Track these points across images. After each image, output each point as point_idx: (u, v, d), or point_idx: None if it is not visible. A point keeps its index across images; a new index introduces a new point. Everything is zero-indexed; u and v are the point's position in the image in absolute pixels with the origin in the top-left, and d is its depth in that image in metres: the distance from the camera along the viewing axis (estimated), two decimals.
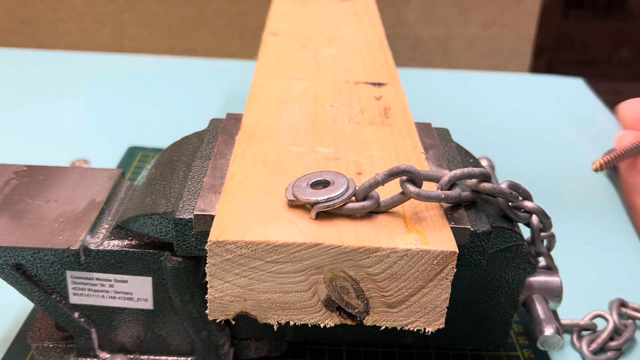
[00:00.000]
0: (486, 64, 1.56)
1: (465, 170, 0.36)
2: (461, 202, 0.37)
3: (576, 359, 0.47)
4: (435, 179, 0.37)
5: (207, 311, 0.35)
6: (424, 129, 0.46)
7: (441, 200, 0.35)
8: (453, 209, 0.37)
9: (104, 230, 0.39)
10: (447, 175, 0.36)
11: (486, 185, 0.37)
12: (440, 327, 0.35)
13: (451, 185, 0.36)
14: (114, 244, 0.38)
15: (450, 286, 0.34)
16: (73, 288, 0.39)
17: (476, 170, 0.37)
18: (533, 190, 0.41)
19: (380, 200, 0.35)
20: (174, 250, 0.37)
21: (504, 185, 0.39)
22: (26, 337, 0.43)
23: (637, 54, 2.44)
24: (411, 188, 0.35)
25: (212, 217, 0.35)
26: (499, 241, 0.39)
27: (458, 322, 0.42)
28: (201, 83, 0.90)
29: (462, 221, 0.36)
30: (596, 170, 0.51)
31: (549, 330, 0.41)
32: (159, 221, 0.37)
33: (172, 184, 0.39)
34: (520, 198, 0.39)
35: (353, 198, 0.35)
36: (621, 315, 0.49)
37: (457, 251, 0.33)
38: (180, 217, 0.36)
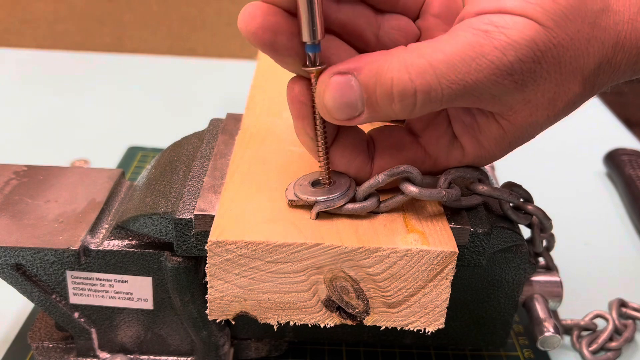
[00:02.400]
0: None
1: (460, 168, 0.36)
2: (464, 207, 0.37)
3: (576, 359, 0.47)
4: (432, 185, 0.36)
5: (207, 311, 0.35)
6: None
7: (443, 198, 0.35)
8: (454, 211, 0.37)
9: (104, 230, 0.39)
10: (442, 175, 0.36)
11: (486, 188, 0.37)
12: (440, 327, 0.35)
13: (449, 184, 0.36)
14: (114, 244, 0.38)
15: (450, 286, 0.34)
16: (73, 288, 0.39)
17: (470, 168, 0.37)
18: (533, 190, 0.41)
19: (381, 200, 0.35)
20: (174, 250, 0.37)
21: (504, 187, 0.39)
22: (26, 337, 0.43)
23: None
24: (412, 188, 0.35)
25: (212, 217, 0.35)
26: (499, 241, 0.39)
27: (458, 322, 0.42)
28: (201, 83, 0.90)
29: (462, 221, 0.36)
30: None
31: (549, 331, 0.41)
32: (159, 221, 0.37)
33: (172, 184, 0.39)
34: (520, 199, 0.39)
35: (353, 198, 0.35)
36: (621, 315, 0.49)
37: (457, 251, 0.33)
38: (180, 217, 0.36)
